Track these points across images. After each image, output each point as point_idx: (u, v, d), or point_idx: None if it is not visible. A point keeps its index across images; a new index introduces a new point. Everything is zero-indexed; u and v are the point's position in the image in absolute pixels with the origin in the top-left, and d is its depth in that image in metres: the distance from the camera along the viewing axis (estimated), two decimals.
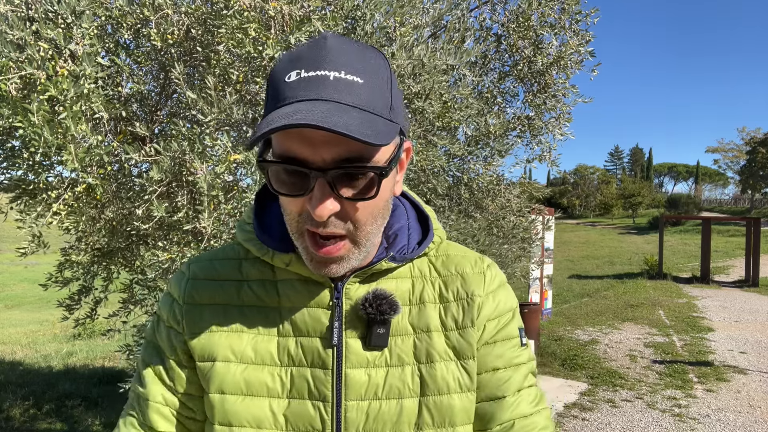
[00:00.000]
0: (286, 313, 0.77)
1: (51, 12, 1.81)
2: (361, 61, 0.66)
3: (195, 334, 0.78)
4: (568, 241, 30.56)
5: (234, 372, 0.75)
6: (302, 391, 0.75)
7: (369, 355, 0.76)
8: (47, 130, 1.71)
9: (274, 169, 0.67)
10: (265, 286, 0.79)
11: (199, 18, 2.05)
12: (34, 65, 1.72)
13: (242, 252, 0.83)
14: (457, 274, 0.82)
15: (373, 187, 0.67)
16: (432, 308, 0.79)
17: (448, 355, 0.78)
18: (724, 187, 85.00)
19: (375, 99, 0.65)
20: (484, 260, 0.85)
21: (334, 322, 0.76)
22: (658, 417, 5.28)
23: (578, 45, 3.09)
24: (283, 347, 0.76)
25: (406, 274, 0.81)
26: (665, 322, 9.81)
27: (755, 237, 14.90)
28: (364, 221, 0.69)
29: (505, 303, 0.84)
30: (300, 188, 0.66)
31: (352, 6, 2.14)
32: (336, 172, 0.64)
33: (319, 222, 0.66)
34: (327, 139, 0.62)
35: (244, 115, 2.06)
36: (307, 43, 0.68)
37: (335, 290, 0.77)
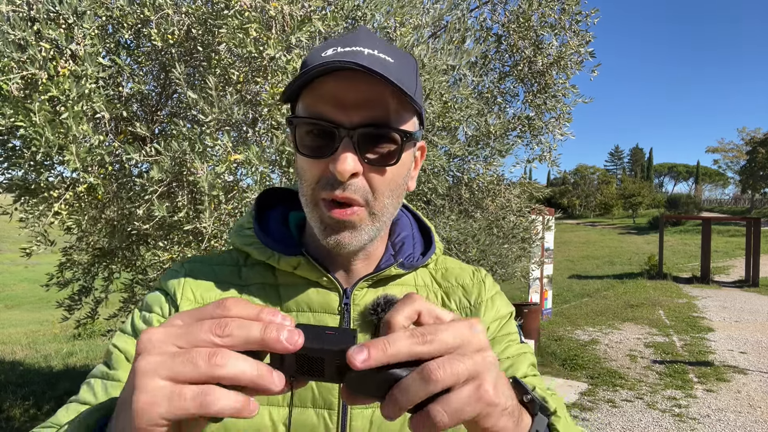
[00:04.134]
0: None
1: (52, 12, 1.81)
2: (392, 48, 0.71)
3: None
4: (568, 241, 30.56)
5: None
6: (305, 398, 0.73)
7: None
8: (49, 129, 1.71)
9: (301, 128, 0.68)
10: (265, 289, 0.77)
11: (199, 18, 2.05)
12: (36, 65, 1.72)
13: (240, 258, 0.81)
14: (457, 285, 0.85)
15: (395, 154, 0.68)
16: None
17: None
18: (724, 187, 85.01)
19: (404, 78, 0.66)
20: (480, 271, 0.88)
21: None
22: (658, 417, 5.28)
23: (578, 45, 3.09)
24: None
25: (410, 282, 0.82)
26: (665, 322, 9.81)
27: (755, 237, 14.90)
28: (383, 190, 0.70)
29: (503, 307, 0.86)
30: (325, 150, 0.67)
31: (353, 6, 2.15)
32: (362, 131, 0.66)
33: (338, 184, 0.67)
34: (357, 102, 0.65)
35: (244, 115, 2.07)
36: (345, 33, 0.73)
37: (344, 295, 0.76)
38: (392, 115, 0.67)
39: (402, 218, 0.88)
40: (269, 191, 0.88)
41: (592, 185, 56.82)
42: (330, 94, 0.66)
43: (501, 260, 3.80)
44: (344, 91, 0.66)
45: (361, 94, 0.66)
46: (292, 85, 0.67)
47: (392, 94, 0.67)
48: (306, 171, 0.70)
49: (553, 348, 7.68)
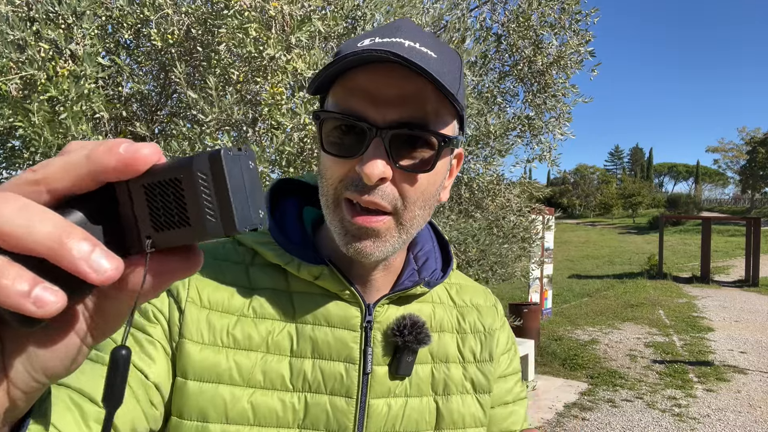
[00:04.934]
0: (302, 330, 0.67)
1: (52, 12, 1.81)
2: (435, 42, 0.64)
3: (196, 344, 0.64)
4: (568, 241, 30.57)
5: (240, 398, 0.64)
6: (318, 421, 0.66)
7: (392, 384, 0.70)
8: (48, 130, 1.71)
9: (328, 124, 0.62)
10: (277, 296, 0.69)
11: (199, 18, 2.05)
12: (35, 66, 1.72)
13: (247, 256, 0.71)
14: (472, 306, 0.81)
15: (431, 160, 0.61)
16: (450, 338, 0.76)
17: (465, 388, 0.74)
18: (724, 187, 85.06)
19: (446, 76, 0.60)
20: (489, 293, 0.85)
21: (367, 347, 0.68)
22: (658, 417, 5.28)
23: (578, 45, 3.09)
24: (298, 370, 0.66)
25: (427, 299, 0.77)
26: (665, 322, 9.81)
27: (755, 237, 14.90)
28: (414, 200, 0.63)
29: (511, 336, 0.83)
30: (353, 149, 0.60)
31: (353, 6, 2.15)
32: (396, 132, 0.59)
33: (365, 187, 0.60)
34: (392, 98, 0.59)
35: (244, 115, 2.07)
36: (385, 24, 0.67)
37: (367, 311, 0.70)
38: (430, 116, 0.61)
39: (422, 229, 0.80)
40: (283, 181, 0.79)
41: (592, 185, 56.86)
42: (362, 88, 0.60)
43: (501, 260, 3.80)
44: (378, 86, 0.59)
45: (397, 89, 0.60)
46: (321, 75, 0.61)
47: (432, 92, 0.60)
48: (329, 169, 0.63)
49: (553, 348, 7.68)
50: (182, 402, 0.63)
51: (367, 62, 0.60)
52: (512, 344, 0.84)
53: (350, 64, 0.59)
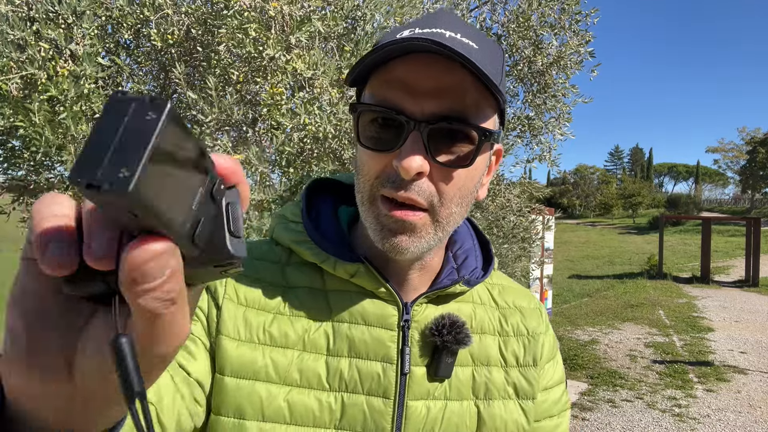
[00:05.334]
0: (338, 329, 0.67)
1: (52, 12, 1.81)
2: (477, 33, 0.63)
3: (233, 341, 0.64)
4: (568, 241, 30.57)
5: (276, 395, 0.63)
6: (355, 422, 0.64)
7: (431, 386, 0.68)
8: (48, 129, 1.71)
9: (365, 116, 0.60)
10: (313, 294, 0.68)
11: (199, 18, 2.05)
12: (35, 65, 1.72)
13: (284, 256, 0.71)
14: (515, 308, 0.78)
15: (470, 155, 0.60)
16: (491, 340, 0.74)
17: (507, 393, 0.72)
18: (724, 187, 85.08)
19: (488, 66, 0.57)
20: (534, 297, 0.82)
21: (405, 346, 0.67)
22: (658, 417, 5.28)
23: (578, 45, 3.09)
24: (334, 369, 0.65)
25: (468, 299, 0.75)
26: (665, 322, 9.81)
27: (755, 237, 14.90)
28: (451, 196, 0.61)
29: (555, 342, 0.80)
30: (390, 143, 0.59)
31: (353, 6, 2.15)
32: (433, 126, 0.57)
33: (401, 183, 0.59)
34: (431, 90, 0.58)
35: (244, 115, 2.07)
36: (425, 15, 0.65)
37: (404, 310, 0.68)
38: (470, 109, 0.59)
39: (461, 227, 0.79)
40: (319, 181, 0.79)
41: (592, 185, 56.87)
42: (400, 80, 0.58)
43: (501, 260, 3.80)
44: (417, 77, 0.58)
45: (437, 81, 0.58)
46: (359, 66, 0.59)
47: (472, 84, 0.58)
48: (365, 165, 0.62)
49: None
50: (220, 398, 0.63)
51: (406, 52, 0.58)
52: (556, 351, 0.80)
53: (388, 54, 0.58)
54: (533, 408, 0.73)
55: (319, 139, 2.06)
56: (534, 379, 0.74)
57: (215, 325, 0.65)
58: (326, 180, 0.79)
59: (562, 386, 0.80)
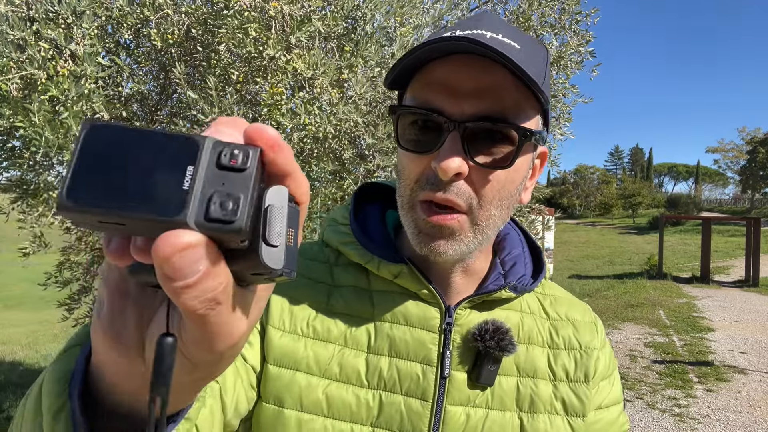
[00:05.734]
0: (379, 327, 0.67)
1: (51, 12, 1.81)
2: (519, 33, 0.62)
3: (278, 330, 0.66)
4: (568, 241, 30.56)
5: (315, 387, 0.64)
6: (392, 421, 0.64)
7: (471, 393, 0.66)
8: (48, 130, 1.71)
9: (404, 119, 0.61)
10: (358, 294, 0.69)
11: (199, 18, 2.05)
12: (35, 65, 1.72)
13: (332, 256, 0.73)
14: (567, 320, 0.75)
15: (510, 156, 0.59)
16: (540, 352, 0.72)
17: (555, 408, 0.69)
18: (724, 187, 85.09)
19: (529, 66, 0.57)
20: (589, 309, 0.80)
21: (446, 350, 0.66)
22: (658, 417, 5.28)
23: (578, 45, 3.09)
24: (374, 367, 0.65)
25: (516, 307, 0.73)
26: (665, 322, 9.81)
27: (755, 237, 14.90)
28: (490, 199, 0.60)
29: (612, 360, 0.77)
30: (429, 144, 0.59)
31: (353, 6, 2.14)
32: (473, 125, 0.57)
33: (440, 184, 0.58)
34: (471, 91, 0.57)
35: (244, 115, 2.07)
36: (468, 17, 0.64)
37: (447, 313, 0.68)
38: (510, 110, 0.58)
39: (511, 233, 0.79)
40: (367, 186, 0.80)
41: (592, 185, 56.85)
42: (440, 81, 0.58)
43: None
44: (457, 77, 0.57)
45: (476, 81, 0.57)
46: (396, 67, 0.59)
47: (513, 84, 0.58)
48: (405, 168, 0.62)
49: None
50: (264, 385, 0.64)
51: (446, 53, 0.58)
52: (614, 369, 0.77)
53: (428, 56, 0.58)
54: (583, 426, 0.70)
55: (319, 139, 2.06)
56: (585, 396, 0.71)
57: (264, 316, 0.67)
58: (375, 185, 0.80)
59: (619, 406, 0.76)
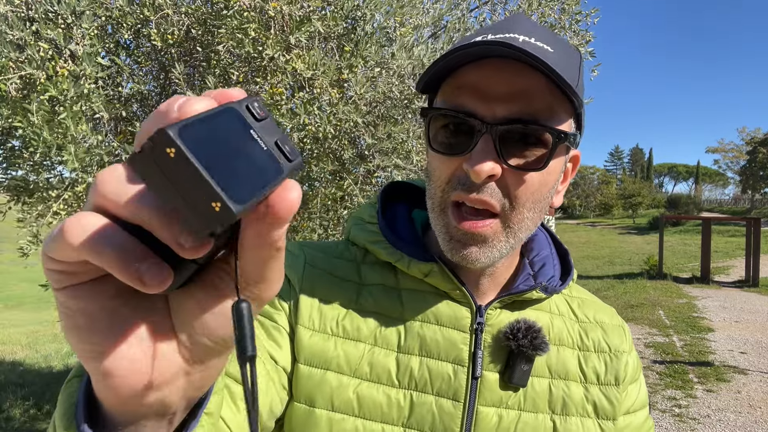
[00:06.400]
0: (410, 327, 0.67)
1: (51, 12, 1.81)
2: (553, 36, 0.62)
3: (308, 330, 0.65)
4: (568, 241, 30.54)
5: (346, 387, 0.64)
6: (423, 422, 0.63)
7: (504, 394, 0.66)
8: (47, 130, 1.71)
9: (436, 121, 0.61)
10: (387, 292, 0.69)
11: (199, 18, 2.05)
12: (34, 65, 1.72)
13: (359, 255, 0.73)
14: (596, 323, 0.75)
15: (544, 158, 0.58)
16: (570, 353, 0.71)
17: (586, 411, 0.69)
18: (724, 187, 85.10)
19: (563, 69, 0.56)
20: (615, 313, 0.80)
21: (477, 350, 0.66)
22: (658, 417, 5.28)
23: (578, 45, 3.09)
24: (405, 366, 0.65)
25: (545, 308, 0.73)
26: (665, 322, 9.81)
27: (755, 237, 14.89)
28: (524, 201, 0.60)
29: (639, 364, 0.77)
30: (461, 146, 0.58)
31: (352, 6, 2.14)
32: (506, 128, 0.57)
33: (473, 186, 0.58)
34: (504, 94, 0.57)
35: None
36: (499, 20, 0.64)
37: (478, 313, 0.67)
38: (543, 113, 0.58)
39: (539, 235, 0.78)
40: (393, 185, 0.79)
41: (592, 185, 56.85)
42: (472, 84, 0.58)
43: None
44: (489, 82, 0.57)
45: (509, 85, 0.57)
46: (430, 71, 0.59)
47: (546, 87, 0.58)
48: (436, 170, 0.62)
49: None
50: (296, 385, 0.64)
51: (479, 58, 0.58)
52: (640, 373, 0.77)
53: (460, 60, 0.58)
54: (614, 430, 0.70)
55: (319, 139, 2.06)
56: (616, 400, 0.70)
57: (294, 315, 0.66)
58: (402, 183, 0.80)
59: (645, 411, 0.76)
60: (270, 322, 0.65)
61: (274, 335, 0.64)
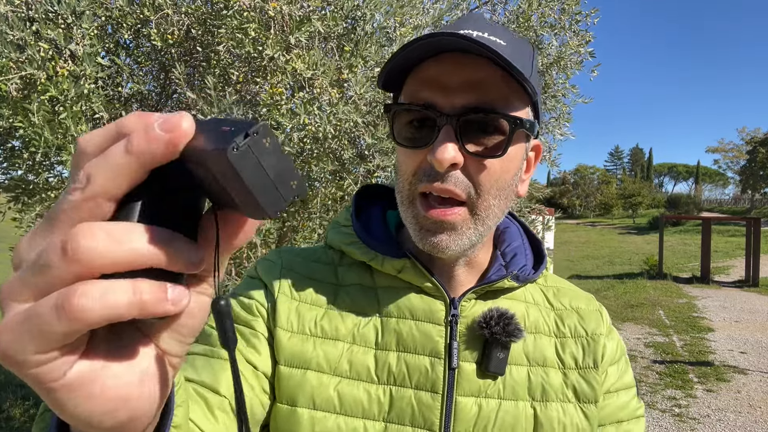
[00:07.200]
0: (386, 323, 0.69)
1: (51, 12, 1.81)
2: (505, 31, 0.64)
3: (286, 332, 0.67)
4: (568, 241, 30.56)
5: (327, 385, 0.65)
6: (403, 415, 0.65)
7: (482, 383, 0.67)
8: (47, 130, 1.71)
9: (399, 117, 0.63)
10: (364, 291, 0.71)
11: (199, 18, 2.05)
12: (35, 65, 1.72)
13: (335, 257, 0.75)
14: (571, 309, 0.76)
15: (502, 144, 0.61)
16: (547, 341, 0.72)
17: (566, 396, 0.70)
18: (724, 187, 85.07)
19: (516, 60, 0.59)
20: (593, 299, 0.81)
21: (452, 341, 0.67)
22: (658, 417, 5.28)
23: (578, 45, 3.09)
24: (383, 362, 0.67)
25: (520, 297, 0.74)
26: (665, 322, 9.80)
27: (755, 237, 14.89)
28: (488, 187, 0.62)
29: (620, 346, 0.78)
30: (424, 138, 0.61)
31: (352, 6, 2.14)
32: (464, 118, 0.59)
33: (437, 176, 0.60)
34: (461, 85, 0.60)
35: (243, 115, 2.06)
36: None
37: (451, 305, 0.69)
38: (499, 102, 0.61)
39: (510, 227, 0.81)
40: (368, 188, 0.82)
41: (592, 185, 56.84)
42: (432, 79, 0.61)
43: None
44: (448, 74, 0.60)
45: (466, 77, 0.60)
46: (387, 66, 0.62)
47: (502, 79, 0.60)
48: (402, 164, 0.65)
49: None
50: (277, 386, 0.66)
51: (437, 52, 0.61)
52: (621, 355, 0.77)
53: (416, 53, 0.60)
54: (596, 413, 0.70)
55: (319, 139, 2.06)
56: (595, 381, 0.71)
57: (272, 319, 0.69)
58: (375, 186, 0.83)
59: (629, 392, 0.76)
60: (248, 329, 0.67)
61: (252, 342, 0.66)
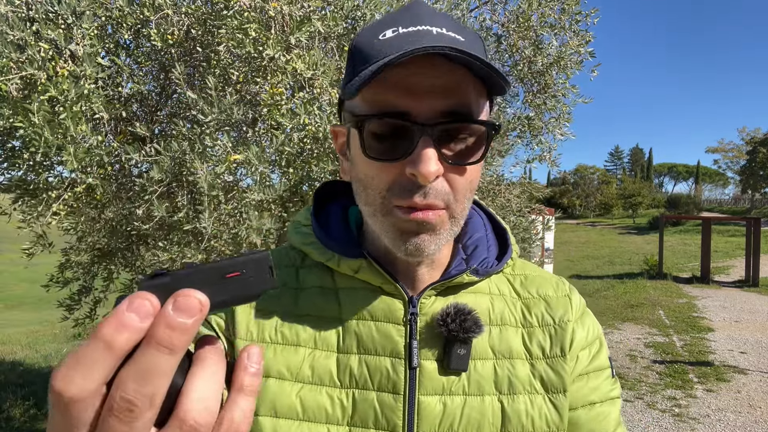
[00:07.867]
0: (347, 326, 0.67)
1: (51, 12, 1.81)
2: (457, 24, 0.62)
3: (244, 341, 0.66)
4: (568, 241, 30.55)
5: (289, 392, 0.64)
6: (366, 418, 0.64)
7: (445, 381, 0.66)
8: (47, 130, 1.71)
9: (369, 128, 0.58)
10: (324, 294, 0.69)
11: (199, 18, 2.05)
12: (35, 66, 1.72)
13: (298, 258, 0.73)
14: (539, 297, 0.74)
15: (479, 148, 0.59)
16: (513, 332, 0.71)
17: (534, 388, 0.68)
18: (724, 187, 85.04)
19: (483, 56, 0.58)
20: (564, 282, 0.78)
21: (412, 340, 0.66)
22: (658, 417, 5.28)
23: (578, 45, 3.09)
24: (344, 366, 0.65)
25: (484, 290, 0.72)
26: (665, 322, 9.80)
27: (755, 237, 14.89)
28: (464, 192, 0.61)
29: (593, 329, 0.75)
30: (399, 150, 0.57)
31: (352, 6, 2.14)
32: (443, 127, 0.57)
33: (417, 189, 0.57)
34: (434, 90, 0.56)
35: (244, 115, 2.06)
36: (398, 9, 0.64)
37: (410, 304, 0.67)
38: (474, 105, 0.58)
39: (474, 217, 0.78)
40: (328, 184, 0.79)
41: (592, 185, 56.80)
42: (398, 83, 0.56)
43: None
44: (417, 78, 0.56)
45: (438, 80, 0.57)
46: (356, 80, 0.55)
47: (472, 79, 0.58)
48: (373, 178, 0.60)
49: None
50: None
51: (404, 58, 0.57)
52: (595, 338, 0.75)
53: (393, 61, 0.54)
54: (565, 402, 0.68)
55: (319, 139, 2.06)
56: (563, 370, 0.69)
57: (231, 331, 0.67)
58: (336, 183, 0.80)
59: (602, 374, 0.74)
60: None
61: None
